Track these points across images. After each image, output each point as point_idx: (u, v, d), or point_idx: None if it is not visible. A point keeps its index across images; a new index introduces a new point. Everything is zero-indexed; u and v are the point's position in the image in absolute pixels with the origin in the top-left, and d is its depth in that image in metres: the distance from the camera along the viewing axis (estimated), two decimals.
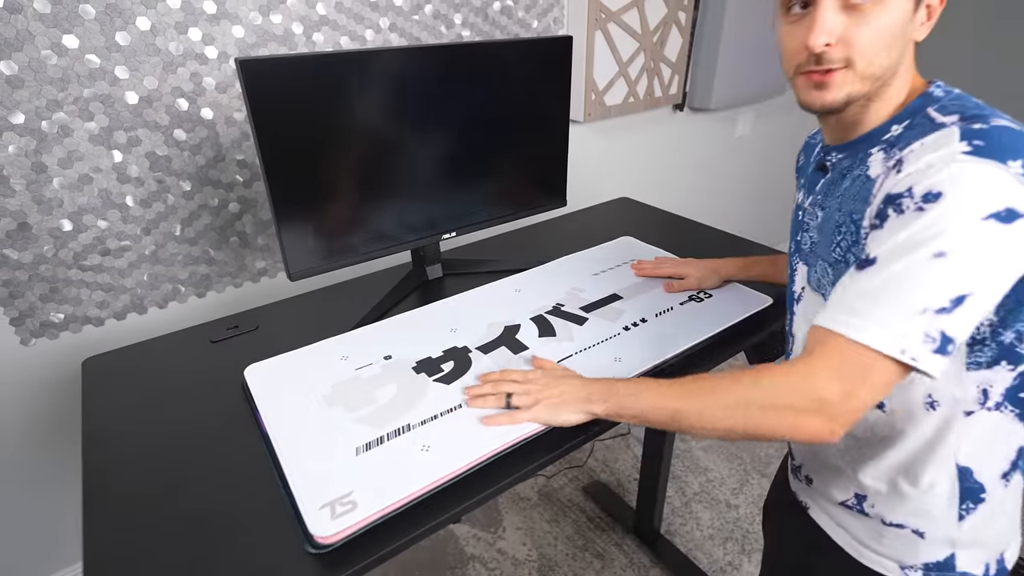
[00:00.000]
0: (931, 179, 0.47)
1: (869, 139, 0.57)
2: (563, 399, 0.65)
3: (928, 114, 0.53)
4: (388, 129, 0.88)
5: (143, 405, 0.75)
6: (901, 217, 0.48)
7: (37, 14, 0.84)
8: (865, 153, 0.57)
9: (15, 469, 1.07)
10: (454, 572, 1.36)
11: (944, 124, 0.50)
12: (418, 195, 0.96)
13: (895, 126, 0.55)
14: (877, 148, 0.56)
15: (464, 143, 0.98)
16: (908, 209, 0.48)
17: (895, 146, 0.53)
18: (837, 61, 0.53)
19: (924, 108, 0.54)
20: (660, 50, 1.61)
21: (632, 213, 1.38)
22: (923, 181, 0.47)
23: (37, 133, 0.89)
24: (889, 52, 0.53)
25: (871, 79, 0.54)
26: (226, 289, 1.17)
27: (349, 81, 0.82)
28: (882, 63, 0.53)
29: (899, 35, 0.52)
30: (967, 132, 0.48)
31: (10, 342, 0.98)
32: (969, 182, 0.45)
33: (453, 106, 0.93)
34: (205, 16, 0.96)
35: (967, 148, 0.47)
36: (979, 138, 0.47)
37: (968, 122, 0.49)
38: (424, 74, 0.88)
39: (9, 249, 0.92)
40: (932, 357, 0.46)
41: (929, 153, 0.48)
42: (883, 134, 0.56)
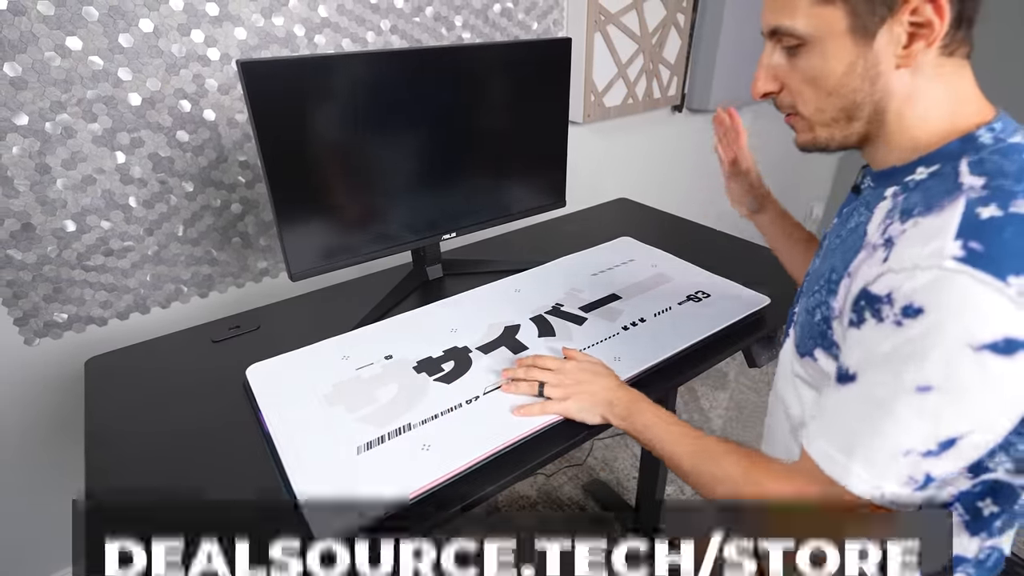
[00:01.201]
0: (912, 286, 0.39)
1: (892, 175, 0.50)
2: (593, 399, 0.66)
3: (958, 167, 0.44)
4: (389, 130, 0.89)
5: (146, 404, 0.76)
6: (880, 327, 0.42)
7: (41, 16, 0.84)
8: (883, 189, 0.50)
9: (18, 468, 1.07)
10: None
11: (961, 190, 0.42)
12: (418, 196, 0.97)
13: (921, 168, 0.47)
14: (893, 190, 0.49)
15: (464, 144, 0.98)
16: (887, 319, 0.41)
17: (908, 198, 0.46)
18: (786, 108, 0.51)
19: (960, 156, 0.45)
20: (659, 52, 1.62)
21: (631, 214, 1.38)
22: (903, 287, 0.40)
23: (41, 134, 0.89)
24: (838, 96, 0.47)
25: (830, 125, 0.49)
26: (228, 289, 1.17)
27: (350, 83, 0.83)
28: (834, 106, 0.48)
29: (846, 75, 0.46)
30: (968, 225, 0.39)
31: (14, 342, 0.98)
32: (955, 303, 0.38)
33: (453, 107, 0.94)
34: (207, 18, 0.97)
35: (959, 252, 0.38)
36: (979, 238, 0.38)
37: (985, 200, 0.40)
38: (425, 76, 0.88)
39: (13, 250, 0.93)
40: (913, 494, 0.43)
41: (917, 246, 0.41)
42: (906, 174, 0.48)
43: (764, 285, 0.93)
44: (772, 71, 0.50)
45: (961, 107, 0.47)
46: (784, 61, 0.49)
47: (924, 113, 0.47)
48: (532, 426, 0.65)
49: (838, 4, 0.44)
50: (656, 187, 1.93)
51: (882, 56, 0.45)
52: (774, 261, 0.93)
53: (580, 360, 0.73)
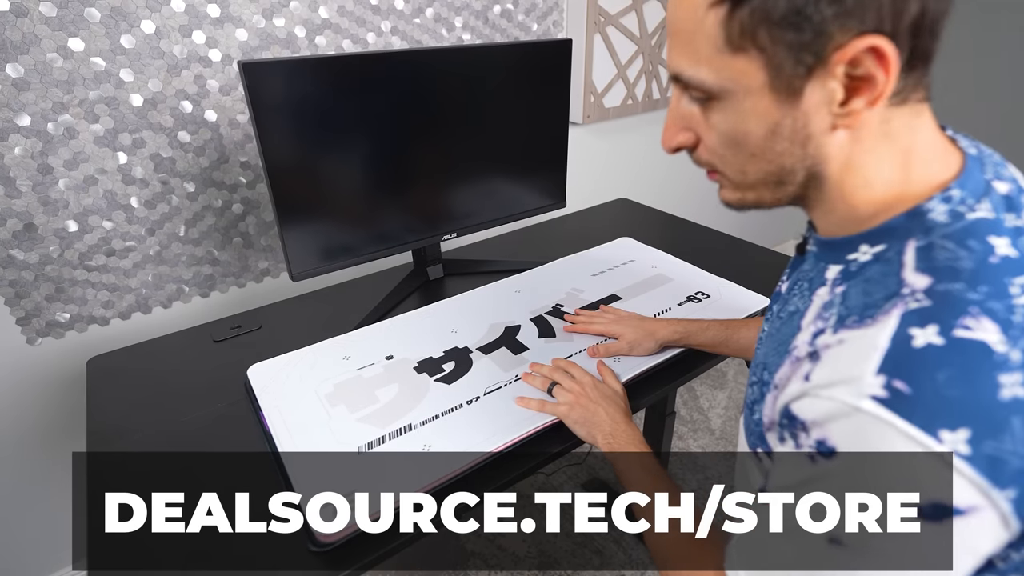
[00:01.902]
0: (827, 419, 0.34)
1: (835, 249, 0.42)
2: (594, 418, 0.65)
3: (902, 256, 0.36)
4: (389, 131, 0.89)
5: (147, 404, 0.76)
6: (797, 454, 0.36)
7: (43, 17, 0.84)
8: (825, 265, 0.43)
9: (19, 467, 1.08)
10: (455, 568, 1.37)
11: (900, 295, 0.34)
12: (419, 196, 0.98)
13: (864, 247, 0.39)
14: (835, 273, 0.41)
15: (464, 145, 0.99)
16: (803, 446, 0.36)
17: (847, 295, 0.38)
18: (704, 165, 0.42)
19: (906, 238, 0.36)
20: (658, 53, 1.63)
21: (631, 214, 1.39)
22: (819, 417, 0.34)
23: (43, 135, 0.89)
24: (762, 159, 0.38)
25: (761, 187, 0.41)
26: (229, 289, 1.18)
27: (351, 84, 0.83)
28: (759, 169, 0.39)
29: (768, 139, 0.37)
30: (896, 355, 0.32)
31: (16, 342, 0.99)
32: (871, 455, 0.31)
33: (454, 108, 0.94)
34: (209, 19, 0.97)
35: (881, 392, 0.31)
36: (907, 377, 0.31)
37: (924, 317, 0.32)
38: (425, 77, 0.89)
39: (15, 250, 0.93)
40: None
41: (839, 370, 0.34)
42: (848, 251, 0.40)
43: (763, 286, 0.93)
44: (684, 121, 0.41)
45: (914, 166, 0.38)
46: (697, 111, 0.40)
47: (870, 178, 0.38)
48: (532, 426, 0.66)
49: (752, 54, 0.35)
50: (655, 187, 1.94)
51: (813, 116, 0.36)
52: (773, 262, 0.93)
53: (607, 380, 0.72)
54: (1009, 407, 0.29)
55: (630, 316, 0.83)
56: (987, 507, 0.30)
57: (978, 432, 0.29)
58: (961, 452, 0.29)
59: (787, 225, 2.66)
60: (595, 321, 0.83)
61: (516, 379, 0.73)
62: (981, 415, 0.29)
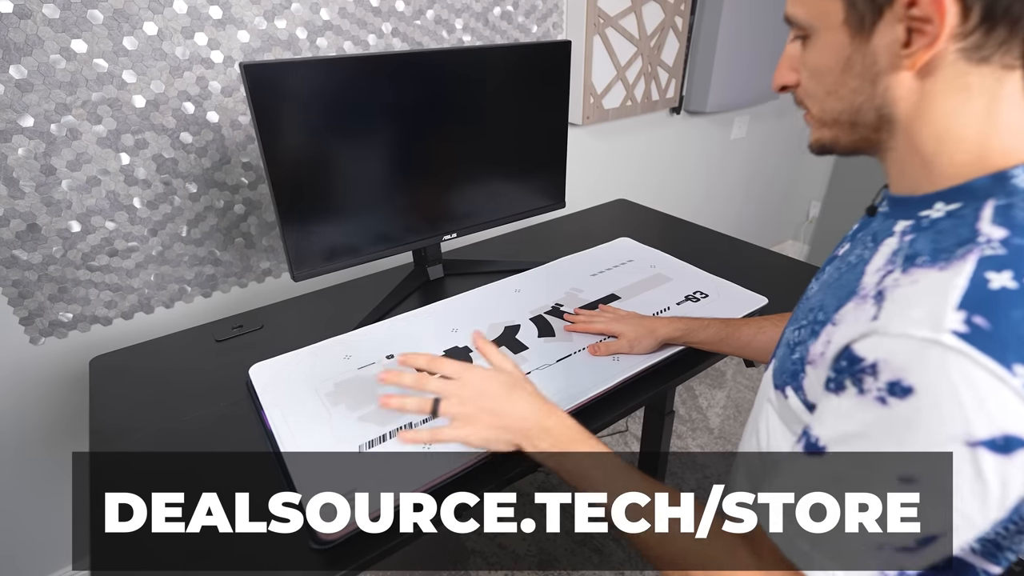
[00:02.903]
0: (903, 360, 0.34)
1: (906, 206, 0.43)
2: (503, 425, 0.55)
3: (980, 211, 0.37)
4: (390, 132, 0.90)
5: (150, 403, 0.77)
6: (861, 400, 0.36)
7: (46, 19, 0.85)
8: (894, 221, 0.44)
9: (22, 467, 1.08)
10: (455, 567, 1.37)
11: (976, 242, 0.35)
12: (419, 197, 0.98)
13: (939, 204, 0.40)
14: (903, 226, 0.42)
15: (465, 146, 0.99)
16: (869, 392, 0.35)
17: (916, 242, 0.39)
18: (798, 104, 0.46)
19: (986, 197, 0.37)
20: (657, 55, 1.63)
21: (630, 214, 1.39)
22: (892, 358, 0.34)
23: (46, 136, 0.90)
24: (837, 97, 0.42)
25: (835, 125, 0.44)
26: (231, 289, 1.18)
27: (352, 85, 0.84)
28: (834, 107, 0.43)
29: (843, 73, 0.40)
30: (974, 294, 0.33)
31: (20, 341, 0.99)
32: (951, 389, 0.32)
33: (454, 109, 0.95)
34: (211, 21, 0.98)
35: (961, 327, 0.32)
36: (986, 313, 0.32)
37: (1000, 263, 0.33)
38: (426, 78, 0.89)
39: (19, 250, 0.93)
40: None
41: (913, 309, 0.35)
42: (921, 208, 0.41)
43: (761, 285, 0.94)
44: (792, 62, 0.45)
45: (999, 133, 0.38)
46: (799, 52, 0.44)
47: (941, 132, 0.39)
48: None
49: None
50: (654, 188, 1.95)
51: (881, 55, 0.38)
52: (771, 262, 0.94)
53: (495, 363, 0.60)
54: None
55: (630, 315, 0.84)
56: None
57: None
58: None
59: (785, 225, 2.67)
60: (595, 320, 0.83)
61: None
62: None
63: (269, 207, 1.15)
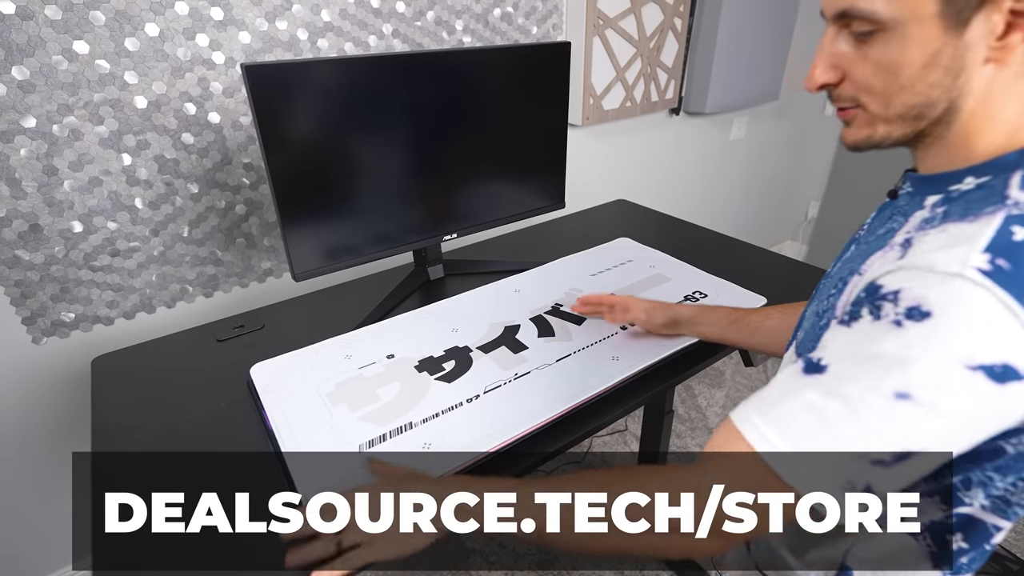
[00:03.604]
0: (926, 288, 0.36)
1: (936, 182, 0.44)
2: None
3: (1009, 179, 0.39)
4: (390, 133, 0.91)
5: (151, 403, 0.77)
6: (875, 324, 0.38)
7: (48, 20, 0.85)
8: (923, 197, 0.45)
9: (24, 466, 1.09)
10: (455, 565, 1.38)
11: (1004, 204, 0.38)
12: (420, 197, 0.99)
13: (970, 178, 0.42)
14: (934, 200, 0.44)
15: (465, 146, 1.00)
16: (886, 317, 0.37)
17: (947, 211, 0.41)
18: (846, 100, 0.45)
19: (1015, 168, 0.40)
20: (656, 56, 1.64)
21: (629, 215, 1.40)
22: (915, 287, 0.37)
23: (48, 137, 0.90)
24: (911, 91, 0.41)
25: (898, 120, 0.43)
26: (232, 289, 1.19)
27: (353, 86, 0.84)
28: (904, 102, 0.42)
29: (926, 67, 0.40)
30: (1000, 241, 0.36)
31: (22, 341, 1.00)
32: (967, 315, 0.35)
33: (454, 110, 0.95)
34: (212, 22, 0.98)
35: (985, 265, 0.35)
36: (1009, 257, 0.35)
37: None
38: (426, 79, 0.90)
39: (21, 250, 0.94)
40: (841, 497, 0.40)
41: (940, 250, 0.37)
42: (952, 182, 0.43)
43: (760, 285, 0.94)
44: (834, 59, 0.44)
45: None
46: (850, 49, 0.43)
47: (994, 116, 0.41)
48: (532, 424, 0.67)
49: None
50: (654, 189, 1.95)
51: (972, 47, 0.39)
52: (770, 262, 0.94)
53: (388, 474, 0.56)
54: None
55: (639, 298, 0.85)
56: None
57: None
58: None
59: (784, 225, 2.67)
60: (605, 298, 0.84)
61: (516, 377, 0.74)
62: None
63: (270, 207, 1.15)
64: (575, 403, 0.70)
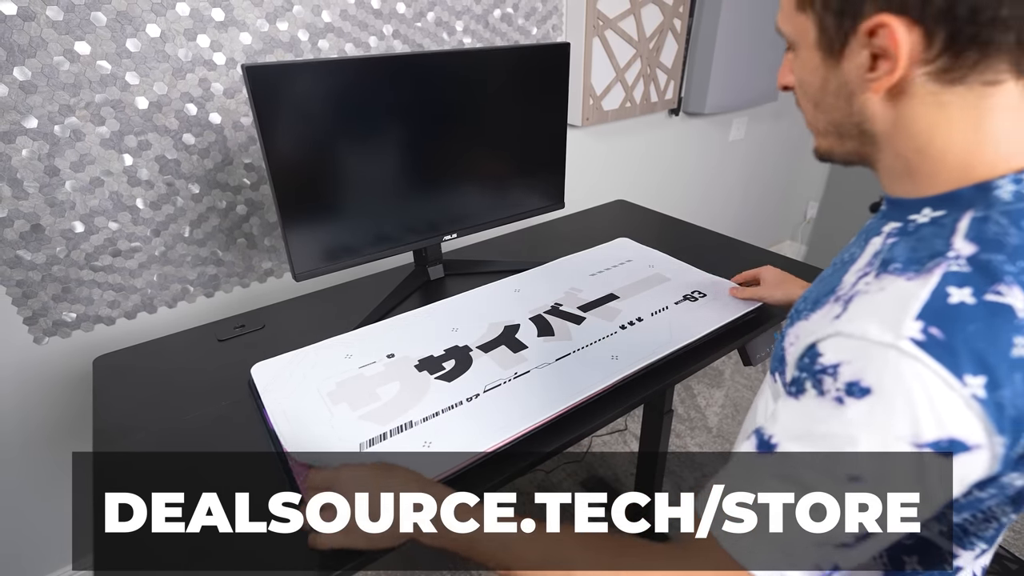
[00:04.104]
0: (863, 363, 0.36)
1: (899, 208, 0.43)
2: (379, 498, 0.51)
3: (956, 223, 0.38)
4: (391, 133, 0.91)
5: (153, 402, 0.77)
6: (820, 401, 0.38)
7: (50, 21, 0.86)
8: (886, 221, 0.45)
9: (27, 466, 1.09)
10: (455, 564, 1.38)
11: (945, 257, 0.36)
12: (420, 198, 0.99)
13: (927, 209, 0.41)
14: (892, 227, 0.43)
15: (465, 147, 1.00)
16: (828, 393, 0.37)
17: (896, 246, 0.41)
18: (798, 105, 0.47)
19: (967, 208, 0.38)
20: (656, 56, 1.64)
21: (629, 215, 1.40)
22: (853, 361, 0.36)
23: (50, 137, 0.91)
24: (821, 107, 0.43)
25: (825, 135, 0.45)
26: (233, 289, 1.19)
27: (353, 87, 0.85)
28: (821, 119, 0.44)
29: (821, 91, 0.42)
30: (933, 306, 0.35)
31: (23, 341, 1.00)
32: (904, 392, 0.34)
33: (455, 111, 0.95)
34: (213, 23, 0.98)
35: (918, 335, 0.34)
36: (941, 325, 0.34)
37: (962, 280, 0.35)
38: (426, 80, 0.90)
39: (23, 250, 0.94)
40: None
41: (875, 315, 0.37)
42: (911, 211, 0.42)
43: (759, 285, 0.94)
44: (791, 64, 0.46)
45: (986, 144, 0.38)
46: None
47: (923, 146, 0.40)
48: (533, 422, 0.67)
49: (809, 13, 0.40)
50: (653, 189, 1.95)
51: (851, 77, 0.40)
52: (769, 262, 0.95)
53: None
54: (1016, 363, 0.33)
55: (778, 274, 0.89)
56: (987, 448, 0.34)
57: (992, 381, 0.33)
58: (979, 396, 0.33)
59: (783, 226, 2.68)
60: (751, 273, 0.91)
61: (516, 376, 0.75)
62: (996, 366, 0.33)
63: (271, 208, 1.16)
64: (574, 402, 0.71)
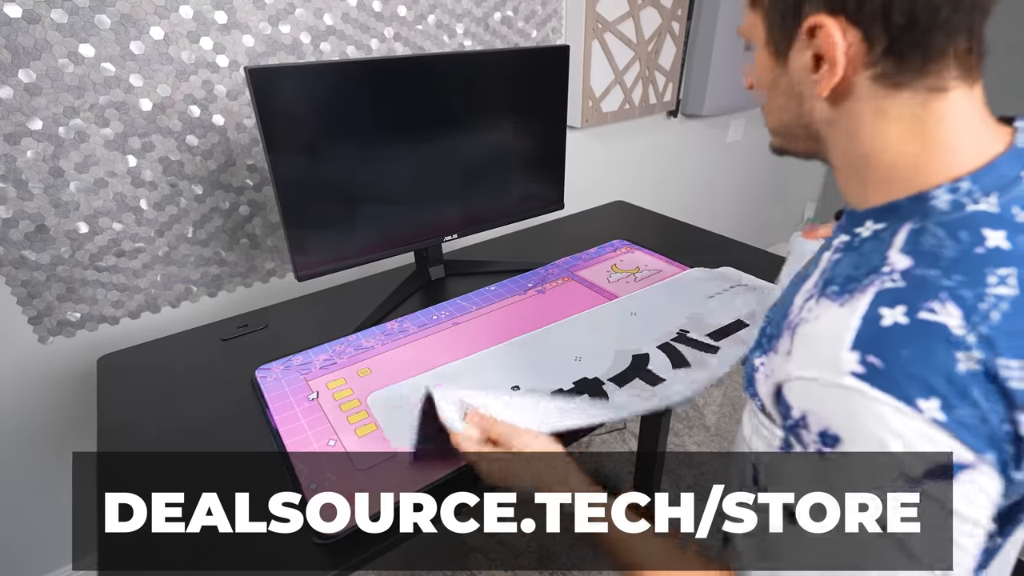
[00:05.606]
0: (822, 409, 0.35)
1: (850, 219, 0.42)
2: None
3: (893, 236, 0.37)
4: (392, 135, 0.92)
5: (156, 401, 0.78)
6: (807, 457, 0.37)
7: (54, 24, 0.86)
8: (839, 233, 0.43)
9: (30, 465, 1.09)
10: (456, 562, 1.39)
11: (879, 273, 0.36)
12: (421, 199, 1.00)
13: (869, 222, 0.40)
14: (840, 241, 0.42)
15: (466, 148, 1.01)
16: (809, 445, 0.36)
17: (839, 264, 0.40)
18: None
19: (905, 220, 0.37)
20: (655, 59, 1.65)
21: (628, 216, 1.41)
22: (815, 409, 0.36)
23: (54, 139, 0.91)
24: (772, 105, 0.44)
25: (777, 134, 0.45)
26: (236, 289, 1.20)
27: (355, 89, 0.85)
28: (773, 117, 0.44)
29: (772, 90, 0.42)
30: (866, 332, 0.34)
31: (28, 340, 1.01)
32: (868, 433, 0.33)
33: (455, 113, 0.96)
34: (216, 26, 0.99)
35: (857, 368, 0.33)
36: (878, 351, 0.33)
37: (895, 298, 0.34)
38: (427, 82, 0.91)
39: (28, 250, 0.95)
40: None
41: (815, 350, 0.36)
42: (857, 223, 0.41)
43: None
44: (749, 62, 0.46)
45: (926, 153, 0.37)
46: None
47: (867, 153, 0.39)
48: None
49: (759, 12, 0.40)
50: (652, 190, 1.96)
51: (798, 78, 0.39)
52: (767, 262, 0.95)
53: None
54: (967, 379, 0.31)
55: None
56: (979, 462, 0.32)
57: (947, 401, 0.31)
58: (939, 419, 0.31)
59: (781, 226, 2.69)
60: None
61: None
62: (942, 387, 0.31)
63: (274, 208, 1.16)
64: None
